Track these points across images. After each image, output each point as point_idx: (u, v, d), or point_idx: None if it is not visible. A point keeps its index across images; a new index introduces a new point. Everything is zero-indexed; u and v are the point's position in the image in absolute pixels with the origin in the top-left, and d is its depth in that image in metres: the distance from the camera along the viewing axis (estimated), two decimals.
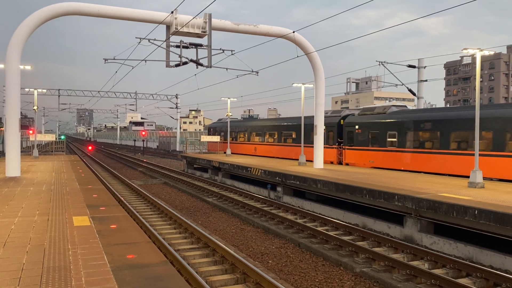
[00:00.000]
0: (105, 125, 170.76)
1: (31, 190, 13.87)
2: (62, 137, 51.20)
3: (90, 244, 7.25)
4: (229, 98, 35.53)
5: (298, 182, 17.75)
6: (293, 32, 20.89)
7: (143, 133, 67.17)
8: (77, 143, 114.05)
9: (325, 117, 24.01)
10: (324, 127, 23.30)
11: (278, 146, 30.28)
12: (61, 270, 5.90)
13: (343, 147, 23.86)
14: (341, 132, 24.23)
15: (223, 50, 20.92)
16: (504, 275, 8.58)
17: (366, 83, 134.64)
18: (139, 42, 19.16)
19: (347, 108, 23.77)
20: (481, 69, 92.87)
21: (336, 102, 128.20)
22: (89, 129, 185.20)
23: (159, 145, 73.77)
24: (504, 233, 9.92)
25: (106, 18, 18.85)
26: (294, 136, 28.48)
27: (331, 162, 24.70)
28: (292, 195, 18.69)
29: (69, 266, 6.07)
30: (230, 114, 36.71)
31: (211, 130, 42.65)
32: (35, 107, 33.72)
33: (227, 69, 22.48)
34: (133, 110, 68.71)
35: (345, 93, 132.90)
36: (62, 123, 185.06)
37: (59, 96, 57.47)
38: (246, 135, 35.05)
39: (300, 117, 26.23)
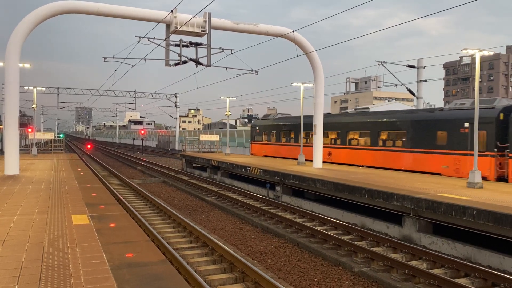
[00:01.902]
0: (104, 123, 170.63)
1: (30, 188, 13.86)
2: (61, 135, 51.17)
3: (89, 243, 7.25)
4: (228, 97, 35.53)
5: (297, 182, 17.76)
6: (293, 31, 20.89)
7: (142, 132, 67.13)
8: (76, 142, 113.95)
9: (467, 109, 17.76)
10: (467, 125, 17.09)
11: (379, 151, 21.65)
12: (60, 269, 5.90)
13: (509, 154, 15.91)
14: (503, 132, 16.17)
15: (223, 49, 20.92)
16: (502, 275, 8.60)
17: (366, 83, 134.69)
18: (139, 41, 19.16)
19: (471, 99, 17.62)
20: (480, 70, 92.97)
21: (335, 102, 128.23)
22: (88, 127, 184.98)
23: (158, 144, 73.81)
24: (503, 233, 9.95)
25: (106, 17, 18.83)
26: (403, 139, 20.21)
27: (484, 178, 15.81)
28: (291, 194, 18.69)
29: (68, 265, 6.07)
30: (230, 113, 36.71)
31: (256, 128, 33.62)
32: (34, 105, 33.69)
33: (226, 68, 22.48)
34: (132, 109, 68.77)
35: (344, 93, 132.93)
36: (61, 121, 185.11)
37: (58, 94, 57.48)
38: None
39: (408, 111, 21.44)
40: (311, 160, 22.58)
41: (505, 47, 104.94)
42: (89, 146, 68.39)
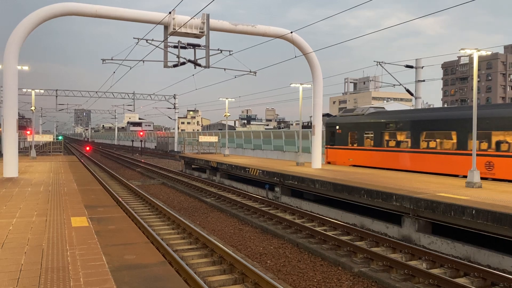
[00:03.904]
0: (103, 125, 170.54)
1: (29, 190, 13.84)
2: (60, 137, 51.13)
3: (88, 245, 7.25)
4: (227, 98, 35.56)
5: (296, 182, 17.77)
6: (291, 32, 20.91)
7: (141, 133, 67.09)
8: (75, 144, 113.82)
9: None
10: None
11: None
12: (60, 271, 5.89)
13: None
14: None
15: (221, 51, 20.93)
16: (501, 274, 8.61)
17: (364, 83, 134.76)
18: (137, 43, 19.16)
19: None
20: (479, 69, 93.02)
21: (334, 102, 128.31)
22: (86, 129, 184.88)
23: (157, 146, 73.74)
24: (502, 233, 9.96)
25: (104, 19, 18.83)
26: None
27: None
28: (290, 195, 18.70)
29: (67, 267, 6.07)
30: (228, 114, 36.74)
31: (337, 128, 24.24)
32: (33, 108, 33.65)
33: (225, 69, 22.49)
34: (131, 111, 68.74)
35: (343, 93, 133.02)
36: (60, 123, 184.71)
37: (56, 96, 57.49)
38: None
39: None
40: (448, 174, 17.18)
41: (503, 47, 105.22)
42: (88, 148, 68.34)
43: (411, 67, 26.50)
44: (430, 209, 11.40)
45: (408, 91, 26.51)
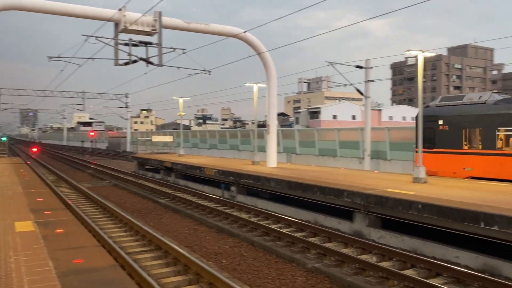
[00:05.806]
0: (51, 125, 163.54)
1: None
2: (4, 138, 48.54)
3: (34, 250, 6.94)
4: (181, 97, 35.15)
5: (251, 181, 17.85)
6: (244, 32, 20.97)
7: (92, 133, 64.95)
8: (21, 145, 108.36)
9: None
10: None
11: None
12: (2, 279, 5.60)
13: None
14: None
15: (174, 49, 20.62)
16: (445, 265, 9.09)
17: (317, 83, 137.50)
18: (86, 40, 18.51)
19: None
20: (424, 70, 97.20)
21: (288, 102, 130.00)
22: (33, 130, 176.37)
23: (109, 146, 71.62)
24: (445, 225, 10.50)
25: (51, 14, 18.04)
26: None
27: None
28: (246, 194, 18.76)
29: (10, 274, 5.78)
30: (183, 113, 36.32)
31: (439, 123, 16.91)
32: None
33: (178, 68, 22.19)
34: (80, 110, 66.31)
35: (297, 93, 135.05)
36: (4, 124, 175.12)
37: (0, 95, 54.44)
38: None
39: None
40: None
41: (447, 49, 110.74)
42: (35, 150, 65.23)
43: (360, 67, 27.26)
44: (380, 204, 11.81)
45: (358, 90, 27.24)
